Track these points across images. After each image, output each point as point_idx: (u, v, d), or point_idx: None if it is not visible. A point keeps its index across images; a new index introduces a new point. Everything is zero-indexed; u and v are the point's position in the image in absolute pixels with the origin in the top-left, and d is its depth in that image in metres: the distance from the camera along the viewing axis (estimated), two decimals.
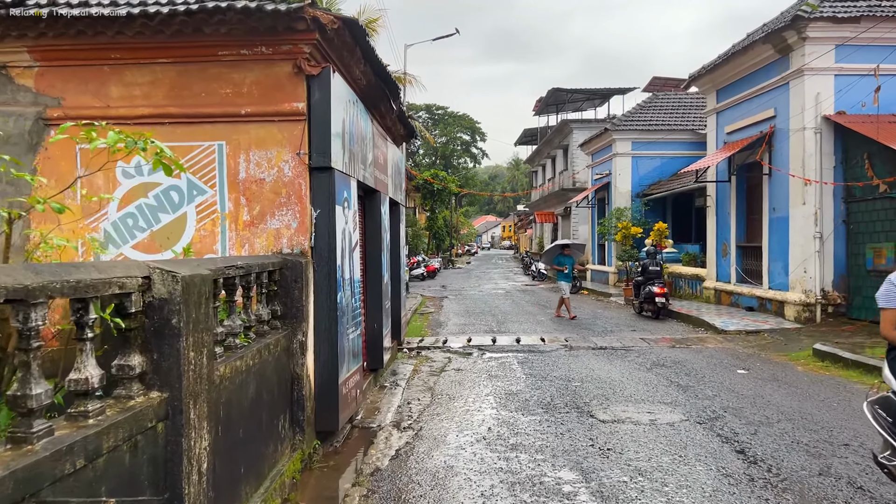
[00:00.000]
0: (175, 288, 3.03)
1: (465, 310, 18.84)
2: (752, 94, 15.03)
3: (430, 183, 41.95)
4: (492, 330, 14.38)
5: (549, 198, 39.40)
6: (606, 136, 25.99)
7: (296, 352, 5.35)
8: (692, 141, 25.15)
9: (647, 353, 11.05)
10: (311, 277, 5.68)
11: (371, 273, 8.44)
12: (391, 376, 9.19)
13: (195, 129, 5.79)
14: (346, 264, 6.17)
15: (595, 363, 10.08)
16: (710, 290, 17.36)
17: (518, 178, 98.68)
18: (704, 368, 9.49)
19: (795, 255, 13.42)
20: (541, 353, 11.30)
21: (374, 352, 8.45)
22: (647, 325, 14.86)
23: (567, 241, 18.56)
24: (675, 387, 8.26)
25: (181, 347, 3.04)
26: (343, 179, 6.12)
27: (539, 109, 41.60)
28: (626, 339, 12.75)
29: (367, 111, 7.64)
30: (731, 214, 16.25)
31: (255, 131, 5.75)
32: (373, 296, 8.45)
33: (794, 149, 13.36)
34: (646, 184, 25.47)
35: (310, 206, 5.74)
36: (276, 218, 5.74)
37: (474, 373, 9.52)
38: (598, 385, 8.45)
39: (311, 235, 5.73)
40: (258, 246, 5.73)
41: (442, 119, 77.20)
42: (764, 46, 13.96)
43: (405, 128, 10.66)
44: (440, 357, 11.00)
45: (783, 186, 13.83)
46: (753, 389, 8.02)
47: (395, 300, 10.62)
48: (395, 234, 10.76)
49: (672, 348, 11.56)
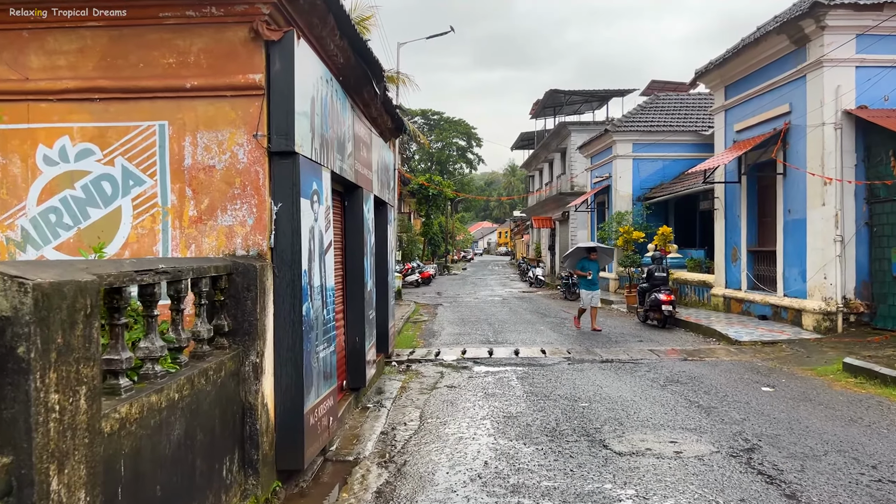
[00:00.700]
0: (23, 302, 2.06)
1: (459, 318, 17.86)
2: (765, 89, 14.13)
3: (426, 187, 41.03)
4: (488, 340, 13.40)
5: (547, 202, 38.50)
6: (606, 138, 25.11)
7: (248, 376, 4.36)
8: (695, 142, 24.29)
9: (658, 366, 10.09)
10: (271, 285, 4.70)
11: (352, 279, 7.46)
12: (376, 395, 8.20)
13: (132, 106, 4.81)
14: (316, 269, 5.19)
15: (602, 379, 9.10)
16: (718, 297, 16.42)
17: (514, 185, 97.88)
18: (725, 385, 8.52)
19: (814, 260, 12.49)
20: (542, 366, 10.32)
21: (354, 369, 7.47)
22: (654, 334, 13.90)
23: (593, 243, 16.19)
24: (696, 408, 7.29)
25: (31, 388, 2.06)
26: (312, 168, 5.15)
27: (536, 112, 40.74)
28: (632, 350, 11.79)
29: (346, 95, 6.68)
30: (742, 217, 15.33)
31: (204, 109, 4.78)
32: (354, 305, 7.47)
33: (812, 146, 12.45)
34: (647, 187, 24.58)
35: (269, 200, 4.76)
36: (229, 213, 4.76)
37: (469, 390, 8.54)
38: (608, 406, 7.47)
39: (271, 234, 4.75)
40: (207, 246, 4.75)
41: (438, 124, 76.43)
42: (778, 37, 13.08)
43: (393, 120, 9.70)
44: (432, 371, 10.01)
45: (800, 187, 12.92)
46: (786, 412, 7.05)
47: (382, 309, 9.64)
48: (381, 236, 9.79)
49: (684, 361, 10.60)
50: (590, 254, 14.76)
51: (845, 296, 12.19)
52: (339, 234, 7.34)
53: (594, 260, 14.72)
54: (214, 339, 4.22)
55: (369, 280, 7.90)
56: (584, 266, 14.66)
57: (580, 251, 15.09)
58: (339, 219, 7.34)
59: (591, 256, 14.71)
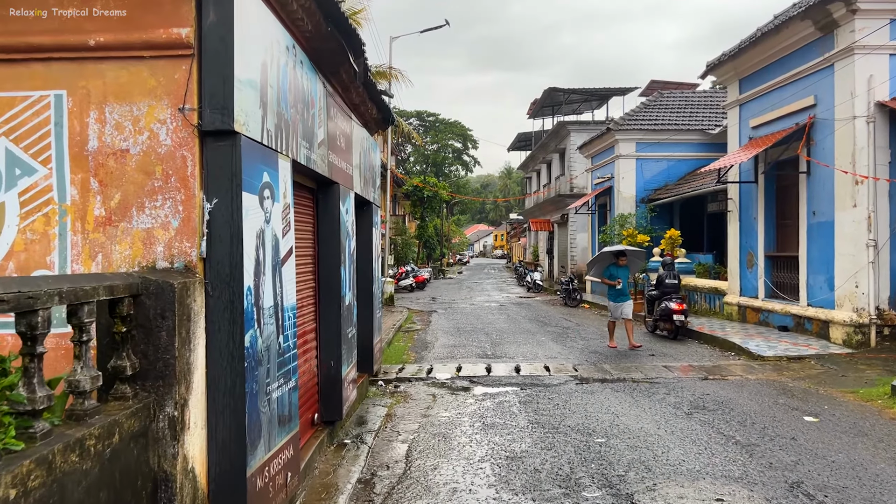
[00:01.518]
0: None
1: (455, 327, 16.70)
2: (786, 81, 13.04)
3: (420, 189, 39.89)
4: (486, 354, 12.24)
5: (545, 204, 37.38)
6: (608, 137, 24.00)
7: (161, 436, 3.19)
8: (701, 142, 23.22)
9: (678, 387, 8.94)
10: (201, 308, 3.54)
11: (326, 293, 6.29)
12: (355, 427, 7.02)
13: (18, 70, 3.65)
14: (268, 285, 4.02)
15: (617, 404, 7.95)
16: (732, 305, 15.30)
17: (510, 187, 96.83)
18: (759, 413, 7.38)
19: (843, 267, 11.38)
20: (546, 387, 9.16)
21: (329, 399, 6.29)
22: (666, 347, 12.77)
23: (621, 246, 14.09)
24: (734, 446, 6.14)
25: None
26: (262, 155, 3.99)
27: (533, 112, 39.63)
28: (645, 366, 10.65)
29: (315, 72, 5.52)
30: (759, 220, 14.22)
31: (115, 74, 3.62)
32: (328, 323, 6.30)
33: (841, 142, 11.35)
34: (651, 188, 23.48)
35: (200, 195, 3.60)
36: (148, 212, 3.59)
37: (465, 420, 7.37)
38: (629, 443, 6.31)
39: (202, 240, 3.59)
40: (118, 257, 3.58)
41: (433, 126, 75.40)
42: (802, 24, 11.99)
43: (379, 109, 8.55)
44: (423, 394, 8.84)
45: (826, 186, 11.81)
46: (844, 452, 5.91)
47: (365, 324, 8.48)
48: (365, 240, 8.63)
49: (705, 381, 9.46)
50: (618, 259, 12.91)
51: (879, 306, 11.08)
52: (311, 238, 6.18)
53: (623, 266, 12.87)
54: (113, 388, 3.05)
55: (347, 293, 6.73)
56: (612, 273, 12.76)
57: (606, 256, 13.21)
58: (311, 220, 6.18)
59: (620, 262, 12.85)
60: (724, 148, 22.56)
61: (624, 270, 12.82)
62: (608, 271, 12.85)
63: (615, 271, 12.74)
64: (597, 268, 13.44)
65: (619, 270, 12.74)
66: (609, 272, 12.81)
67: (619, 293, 12.63)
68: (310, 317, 6.03)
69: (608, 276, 12.79)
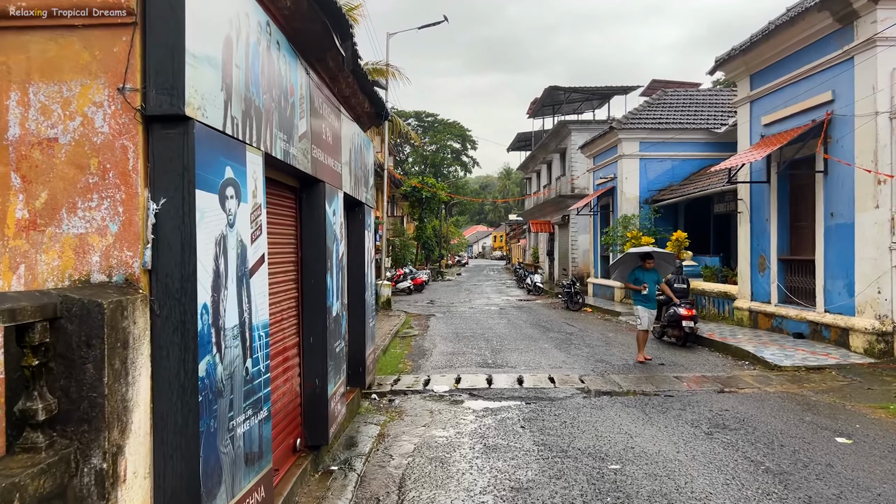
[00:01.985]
0: None
1: (453, 332, 16.07)
2: (801, 76, 12.42)
3: (419, 189, 39.27)
4: (486, 363, 11.61)
5: (545, 205, 36.78)
6: (611, 136, 23.39)
7: (87, 493, 2.55)
8: (707, 141, 22.62)
9: (693, 402, 8.32)
10: (145, 331, 2.91)
11: (311, 304, 5.66)
12: (344, 450, 6.38)
13: None
14: (230, 300, 3.40)
15: (630, 423, 7.33)
16: (742, 310, 14.67)
17: (509, 188, 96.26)
18: (786, 433, 6.76)
19: (864, 272, 10.76)
20: (551, 401, 8.54)
21: (313, 421, 5.66)
22: (676, 355, 12.14)
23: (649, 248, 12.72)
24: (765, 474, 5.51)
25: None
26: (224, 146, 3.36)
27: (534, 111, 39.02)
28: (656, 377, 10.02)
29: (296, 56, 4.90)
30: (771, 221, 13.60)
31: (40, 47, 2.99)
32: (313, 338, 5.67)
33: (862, 139, 10.74)
34: (655, 188, 22.87)
35: (144, 193, 2.97)
36: (81, 215, 2.96)
37: (464, 441, 6.74)
38: (648, 470, 5.68)
39: (147, 248, 2.96)
40: (45, 268, 2.95)
41: (431, 126, 74.85)
42: (819, 15, 11.38)
43: (371, 102, 7.92)
44: (419, 409, 8.21)
45: (845, 186, 11.20)
46: (889, 482, 5.28)
47: (357, 334, 7.85)
48: (357, 243, 8.00)
49: (721, 394, 8.84)
50: (644, 261, 11.70)
51: None
52: (293, 243, 5.55)
53: (651, 269, 11.65)
54: (21, 437, 2.42)
55: (335, 302, 6.09)
56: (638, 277, 11.62)
57: (632, 259, 12.01)
58: (293, 223, 5.55)
59: (647, 265, 11.64)
60: (730, 147, 21.99)
61: (651, 274, 11.66)
62: (633, 275, 11.74)
63: (641, 275, 11.63)
64: (621, 270, 12.28)
65: (646, 274, 11.61)
66: (634, 276, 11.71)
67: (646, 299, 11.54)
68: (291, 331, 5.40)
69: (633, 281, 11.69)
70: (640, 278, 11.59)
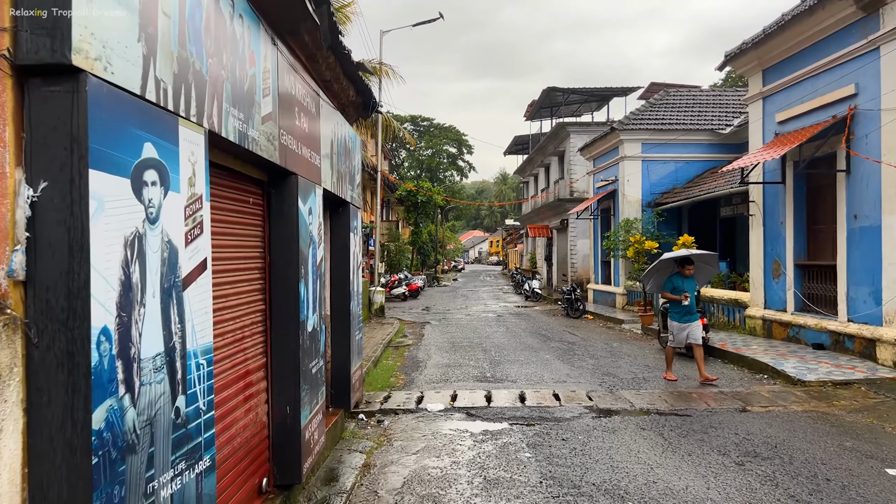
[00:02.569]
0: None
1: (449, 342, 15.22)
2: (819, 69, 11.65)
3: (414, 193, 38.45)
4: (484, 376, 10.77)
5: (543, 210, 36.00)
6: (612, 137, 22.63)
7: None
8: (712, 142, 21.88)
9: (715, 423, 7.50)
10: (11, 366, 2.07)
11: (280, 318, 4.82)
12: (322, 486, 5.52)
13: None
14: (150, 320, 2.55)
15: (648, 449, 6.49)
16: (755, 319, 13.86)
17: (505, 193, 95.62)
18: (827, 463, 5.93)
19: (892, 278, 9.96)
20: (557, 422, 7.70)
21: (284, 456, 4.80)
22: (688, 368, 11.31)
23: (687, 251, 11.14)
24: None
25: None
26: (142, 115, 2.52)
27: (531, 114, 38.27)
28: (669, 393, 9.19)
29: (259, 21, 4.07)
30: (787, 224, 12.80)
31: None
32: (282, 358, 4.82)
33: (890, 136, 9.95)
34: (658, 191, 22.09)
35: (16, 174, 2.14)
36: None
37: (461, 473, 5.89)
38: None
39: (18, 251, 2.12)
40: None
41: (427, 131, 74.18)
42: (840, 3, 10.61)
43: (357, 90, 7.09)
44: (411, 432, 7.35)
45: (871, 186, 10.41)
46: None
47: (341, 350, 7.01)
48: (341, 248, 7.16)
49: (744, 413, 8.02)
50: (683, 266, 10.21)
51: None
52: (260, 245, 4.71)
53: (690, 276, 10.22)
54: None
55: (311, 315, 5.24)
56: (677, 286, 10.13)
57: (667, 264, 10.49)
58: (260, 223, 4.71)
59: (686, 271, 10.17)
60: (735, 148, 21.25)
61: (691, 282, 10.23)
62: (670, 283, 10.23)
63: (680, 283, 10.12)
64: (655, 279, 10.64)
65: (686, 282, 10.12)
66: (672, 284, 10.20)
67: (685, 311, 10.04)
68: (256, 351, 4.55)
69: (671, 290, 10.18)
70: (680, 287, 10.08)
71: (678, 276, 10.29)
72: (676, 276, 10.30)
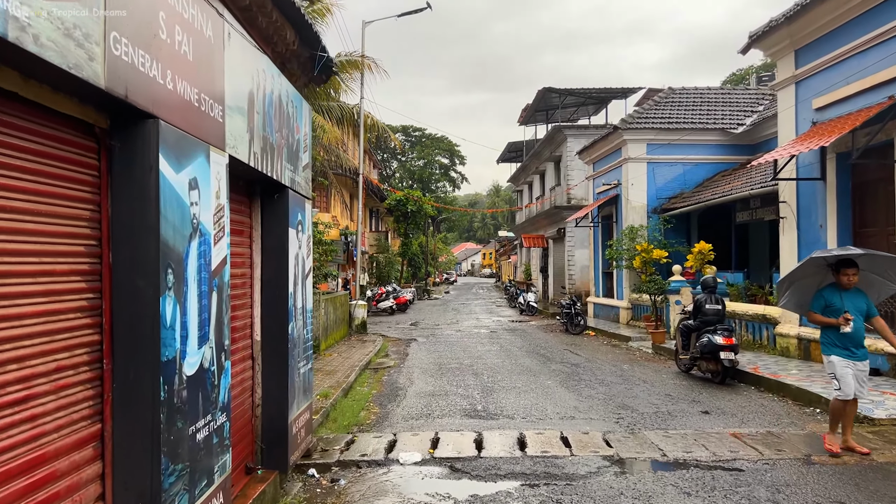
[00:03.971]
0: None
1: (436, 364, 13.28)
2: (868, 44, 9.89)
3: (404, 203, 36.61)
4: (474, 409, 8.85)
5: (538, 219, 34.16)
6: (615, 138, 20.87)
7: None
8: (722, 143, 20.17)
9: (780, 483, 5.59)
10: None
11: (125, 357, 2.88)
12: None
13: None
14: None
15: None
16: (789, 338, 12.00)
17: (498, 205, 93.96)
18: None
19: None
20: (570, 481, 5.78)
21: None
22: (717, 398, 9.43)
23: (849, 250, 6.66)
24: None
25: None
26: None
27: (525, 118, 36.57)
28: (705, 434, 7.28)
29: None
30: (827, 227, 10.99)
31: None
32: (132, 422, 2.88)
33: None
34: (664, 196, 20.32)
35: None
36: None
37: None
38: None
39: None
40: None
41: (419, 141, 72.60)
42: None
43: (300, 37, 5.20)
44: (373, 497, 5.40)
45: None
46: None
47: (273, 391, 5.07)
48: (274, 248, 5.23)
49: (811, 466, 6.12)
50: (839, 273, 6.54)
51: None
52: (87, 233, 2.79)
53: (850, 288, 6.57)
54: None
55: (194, 349, 3.31)
56: (830, 302, 6.57)
57: (816, 269, 6.87)
58: (90, 196, 2.79)
59: (845, 280, 6.51)
60: (749, 149, 19.50)
61: (854, 297, 6.57)
62: (821, 299, 6.66)
63: (835, 299, 6.57)
64: (794, 291, 7.02)
65: (847, 297, 6.54)
66: (823, 300, 6.64)
67: (846, 340, 6.45)
68: (76, 413, 2.62)
69: (821, 310, 6.63)
70: (834, 304, 6.54)
71: (832, 288, 6.66)
72: (829, 288, 6.69)
